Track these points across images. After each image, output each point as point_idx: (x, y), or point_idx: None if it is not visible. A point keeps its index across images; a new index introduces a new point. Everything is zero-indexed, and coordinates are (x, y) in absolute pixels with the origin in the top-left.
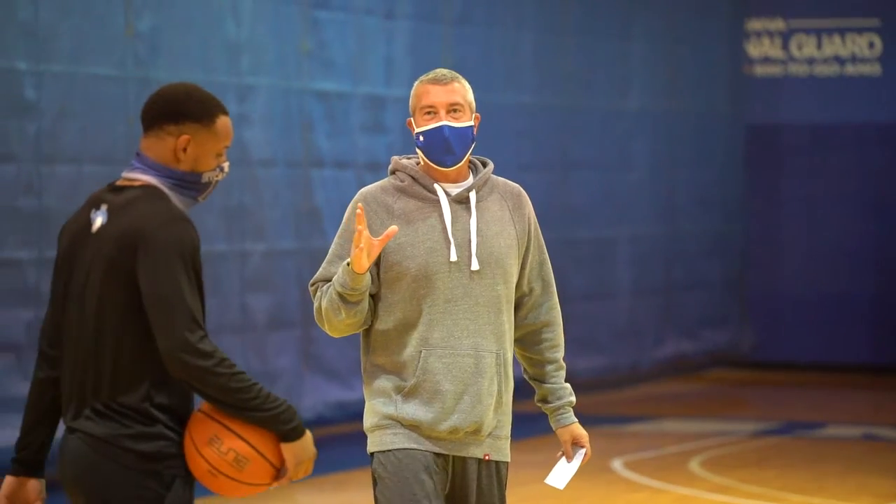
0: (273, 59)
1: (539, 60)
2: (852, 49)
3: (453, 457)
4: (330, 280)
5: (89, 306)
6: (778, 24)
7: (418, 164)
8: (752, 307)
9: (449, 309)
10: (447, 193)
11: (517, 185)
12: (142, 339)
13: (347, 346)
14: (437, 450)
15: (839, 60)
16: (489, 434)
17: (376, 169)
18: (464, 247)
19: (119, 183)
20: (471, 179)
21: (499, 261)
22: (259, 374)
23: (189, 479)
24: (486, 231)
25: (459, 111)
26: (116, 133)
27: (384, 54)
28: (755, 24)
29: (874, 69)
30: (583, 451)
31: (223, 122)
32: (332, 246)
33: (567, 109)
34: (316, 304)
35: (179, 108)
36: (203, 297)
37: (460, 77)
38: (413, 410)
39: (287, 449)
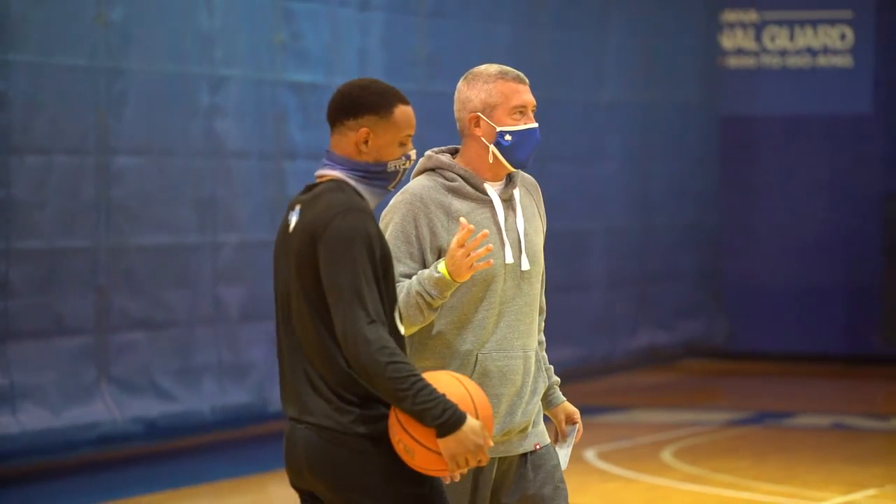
0: (246, 49)
1: (514, 53)
2: (824, 41)
3: (499, 458)
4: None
5: (293, 301)
6: (751, 16)
7: (452, 157)
8: (726, 298)
9: (503, 311)
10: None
11: (530, 176)
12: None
13: None
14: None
15: (811, 52)
16: (532, 425)
17: None
18: (515, 247)
19: (311, 184)
20: (505, 177)
21: (539, 258)
22: (231, 367)
23: None
24: (528, 229)
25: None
26: (87, 124)
27: (358, 46)
28: (729, 16)
29: (846, 61)
30: (576, 427)
31: (402, 111)
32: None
33: (541, 102)
34: None
35: (357, 102)
36: (380, 285)
37: None
38: None
39: (441, 444)
